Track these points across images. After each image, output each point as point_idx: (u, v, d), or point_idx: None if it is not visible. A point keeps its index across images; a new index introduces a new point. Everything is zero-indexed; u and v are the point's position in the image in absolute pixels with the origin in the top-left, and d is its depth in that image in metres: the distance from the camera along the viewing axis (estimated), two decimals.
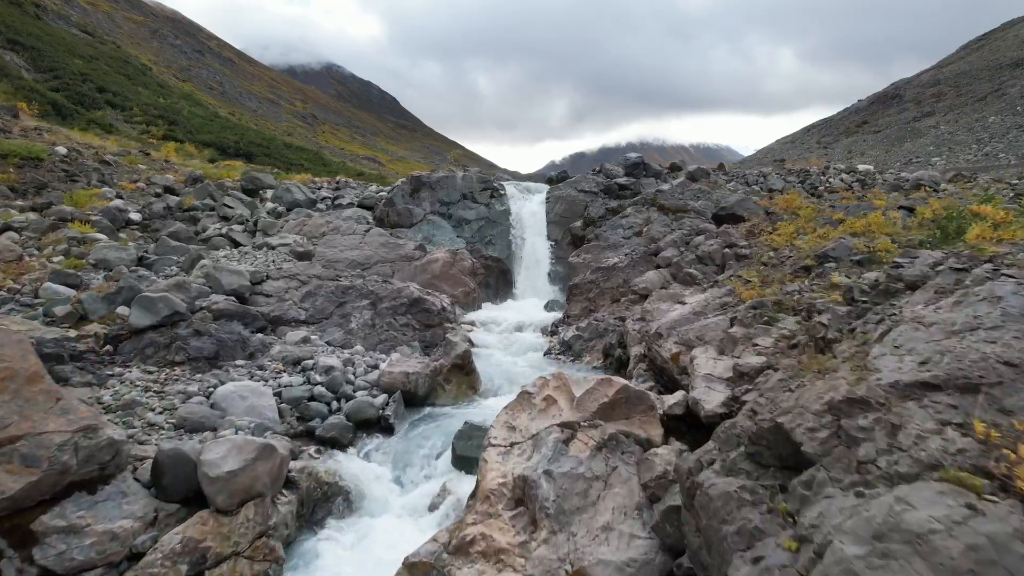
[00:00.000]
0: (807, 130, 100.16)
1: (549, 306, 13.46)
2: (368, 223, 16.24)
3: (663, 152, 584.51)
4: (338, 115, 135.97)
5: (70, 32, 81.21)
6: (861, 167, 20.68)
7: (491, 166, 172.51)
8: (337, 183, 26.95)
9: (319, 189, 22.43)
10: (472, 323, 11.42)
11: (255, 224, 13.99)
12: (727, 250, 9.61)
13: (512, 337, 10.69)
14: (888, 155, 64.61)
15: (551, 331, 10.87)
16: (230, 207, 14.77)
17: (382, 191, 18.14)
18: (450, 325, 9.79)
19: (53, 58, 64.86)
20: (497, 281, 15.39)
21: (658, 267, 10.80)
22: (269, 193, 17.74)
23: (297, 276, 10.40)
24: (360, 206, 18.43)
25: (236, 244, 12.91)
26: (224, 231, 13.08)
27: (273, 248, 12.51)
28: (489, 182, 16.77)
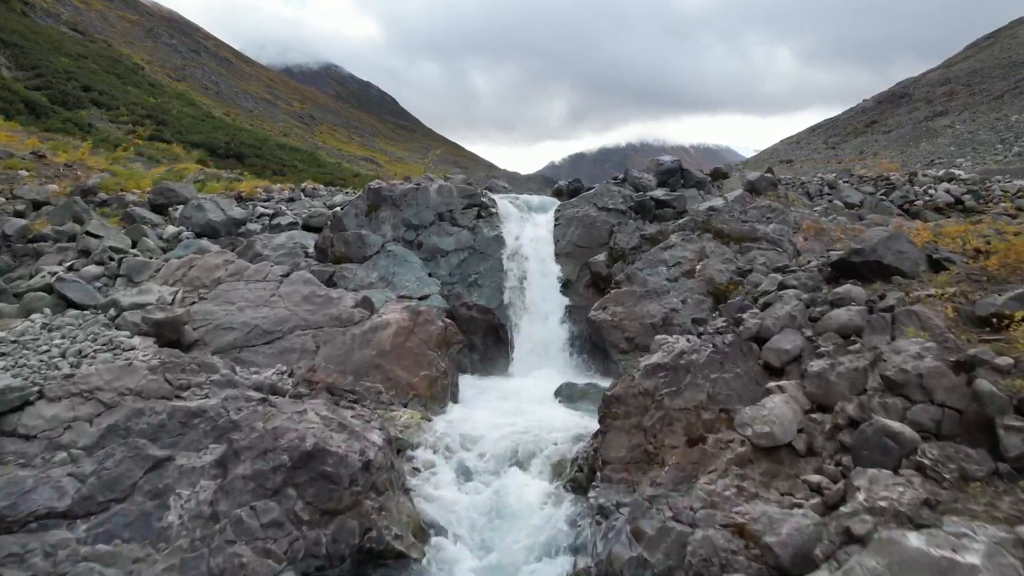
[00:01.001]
0: (812, 130, 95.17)
1: (565, 395, 8.31)
2: (304, 256, 11.07)
3: (663, 153, 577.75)
4: (336, 115, 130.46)
5: (58, 30, 75.68)
6: (961, 174, 15.43)
7: (490, 166, 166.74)
8: (303, 190, 21.77)
9: (265, 201, 17.22)
10: (432, 451, 6.26)
11: (119, 265, 8.88)
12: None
13: (498, 499, 5.47)
14: (904, 156, 59.32)
15: (573, 478, 5.73)
16: (96, 236, 9.57)
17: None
18: (372, 502, 4.65)
19: (37, 56, 59.53)
20: (485, 341, 10.24)
21: (767, 367, 5.58)
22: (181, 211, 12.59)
23: (98, 393, 5.29)
24: (306, 228, 13.26)
25: (71, 303, 7.81)
26: (54, 279, 7.94)
27: (122, 311, 7.40)
28: (475, 195, 11.52)
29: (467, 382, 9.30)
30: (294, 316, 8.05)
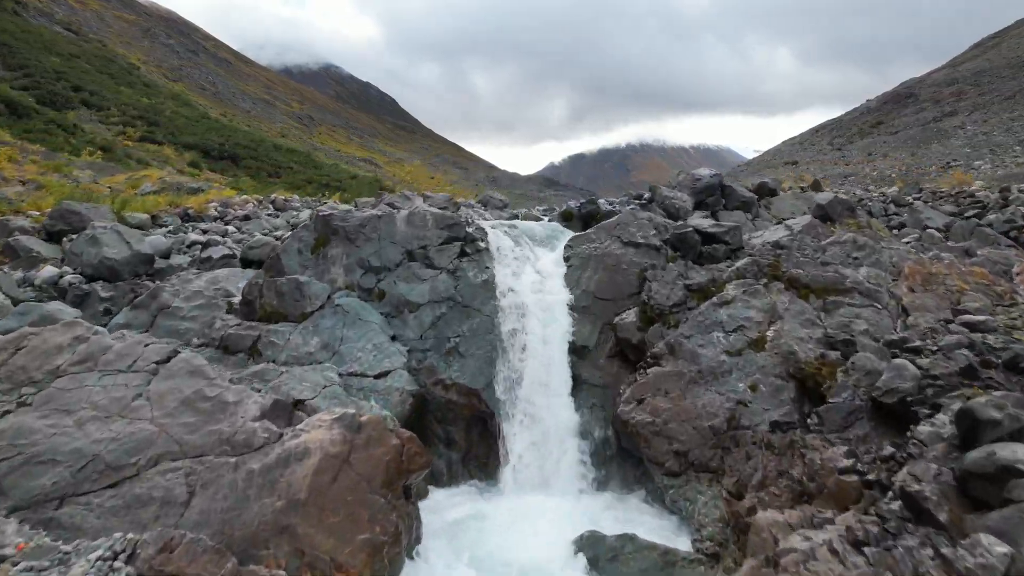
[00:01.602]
0: (816, 131, 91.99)
1: (589, 554, 5.11)
2: (226, 309, 7.92)
3: (663, 154, 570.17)
4: (336, 116, 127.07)
5: (51, 29, 72.27)
6: None
7: (490, 167, 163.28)
8: (271, 202, 18.59)
9: (217, 219, 14.01)
10: None
11: None
12: None
13: None
14: (915, 158, 56.09)
15: None
16: None
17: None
18: None
19: (26, 55, 56.26)
20: (468, 434, 7.06)
21: None
22: (87, 238, 9.39)
23: None
24: (244, 263, 10.08)
25: None
26: None
27: None
28: (458, 226, 8.32)
29: (438, 503, 6.19)
30: (163, 436, 4.94)
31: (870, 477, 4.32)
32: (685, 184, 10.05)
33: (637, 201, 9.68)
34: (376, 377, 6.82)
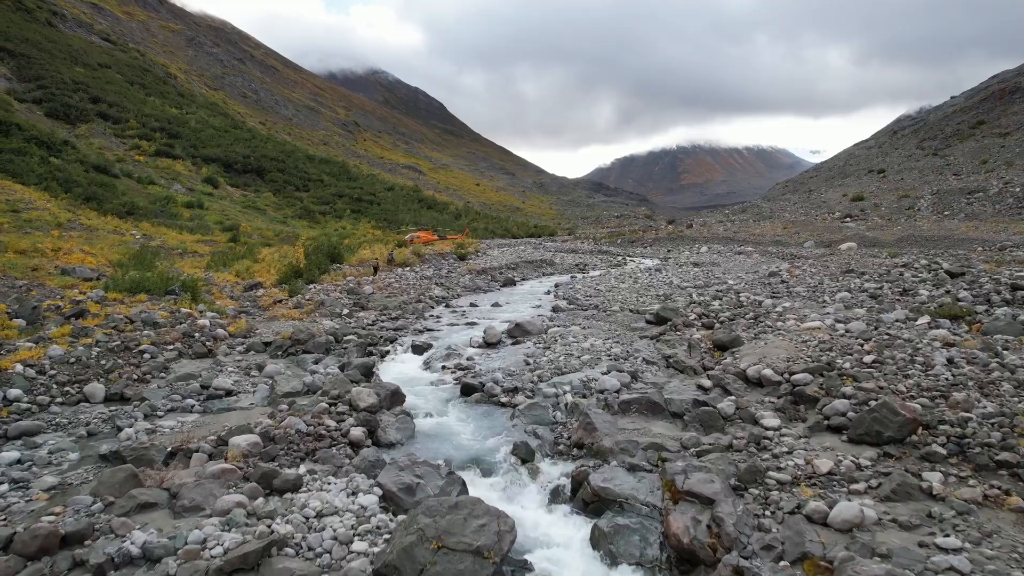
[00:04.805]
0: (894, 132, 79.05)
1: None
2: None
3: (715, 155, 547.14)
4: (383, 122, 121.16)
5: (86, 40, 67.82)
6: None
7: (538, 171, 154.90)
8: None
9: None
10: None
11: None
12: None
13: None
14: None
15: None
16: None
17: None
18: None
19: (43, 66, 51.19)
20: None
21: None
22: None
23: None
24: None
25: None
26: None
27: None
28: None
29: None
30: None
31: None
32: None
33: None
34: None
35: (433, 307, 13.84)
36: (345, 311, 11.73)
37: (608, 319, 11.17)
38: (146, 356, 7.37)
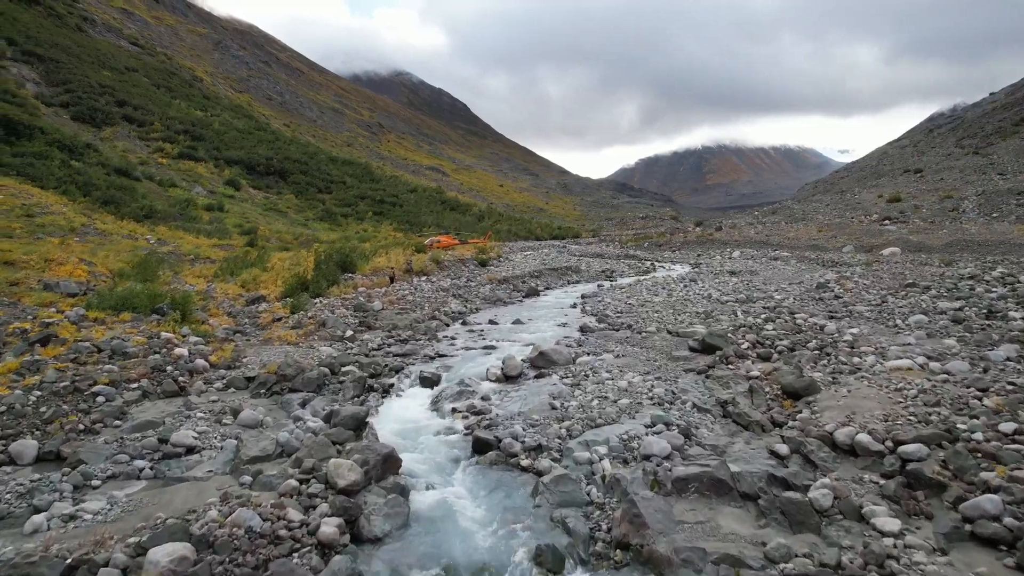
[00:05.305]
0: (929, 130, 75.47)
1: None
2: None
3: (741, 155, 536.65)
4: (407, 123, 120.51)
5: (115, 44, 68.13)
6: None
7: (562, 172, 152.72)
8: None
9: None
10: None
11: None
12: None
13: None
14: None
15: None
16: None
17: None
18: None
19: (71, 70, 51.25)
20: None
21: None
22: None
23: None
24: None
25: None
26: None
27: None
28: None
29: None
30: None
31: None
32: None
33: None
34: None
35: (448, 325, 12.52)
36: (348, 332, 10.47)
37: (644, 343, 9.73)
38: (99, 399, 6.15)
